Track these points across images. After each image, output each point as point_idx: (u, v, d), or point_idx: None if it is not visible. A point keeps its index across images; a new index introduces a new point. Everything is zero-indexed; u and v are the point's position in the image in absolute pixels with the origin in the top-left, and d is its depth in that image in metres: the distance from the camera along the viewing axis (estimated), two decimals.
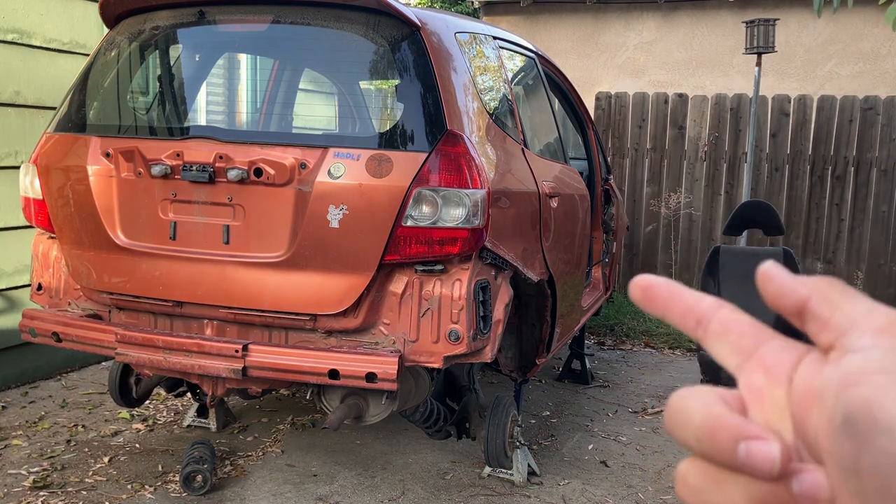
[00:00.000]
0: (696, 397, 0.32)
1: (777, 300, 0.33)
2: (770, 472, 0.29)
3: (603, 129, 6.54)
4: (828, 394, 0.29)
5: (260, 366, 2.49)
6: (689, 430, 0.31)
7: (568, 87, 4.18)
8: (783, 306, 0.33)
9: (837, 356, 0.30)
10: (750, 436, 0.29)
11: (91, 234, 2.76)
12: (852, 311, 0.31)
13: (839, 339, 0.30)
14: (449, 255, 2.47)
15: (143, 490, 2.95)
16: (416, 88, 2.59)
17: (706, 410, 0.31)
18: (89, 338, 2.71)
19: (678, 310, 0.35)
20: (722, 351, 0.33)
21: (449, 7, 11.97)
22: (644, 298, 0.36)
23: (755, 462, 0.29)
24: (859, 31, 7.28)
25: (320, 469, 3.21)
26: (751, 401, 0.32)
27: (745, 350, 0.33)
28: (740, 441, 0.29)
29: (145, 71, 3.01)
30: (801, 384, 0.31)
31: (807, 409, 0.30)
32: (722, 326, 0.34)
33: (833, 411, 0.28)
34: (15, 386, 4.08)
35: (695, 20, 7.75)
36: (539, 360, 3.22)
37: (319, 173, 2.49)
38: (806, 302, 0.32)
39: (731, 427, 0.30)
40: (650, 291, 0.36)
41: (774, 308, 0.33)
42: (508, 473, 3.15)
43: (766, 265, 0.34)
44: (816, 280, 0.32)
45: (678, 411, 0.32)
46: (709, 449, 0.30)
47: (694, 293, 0.35)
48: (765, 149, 6.37)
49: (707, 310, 0.34)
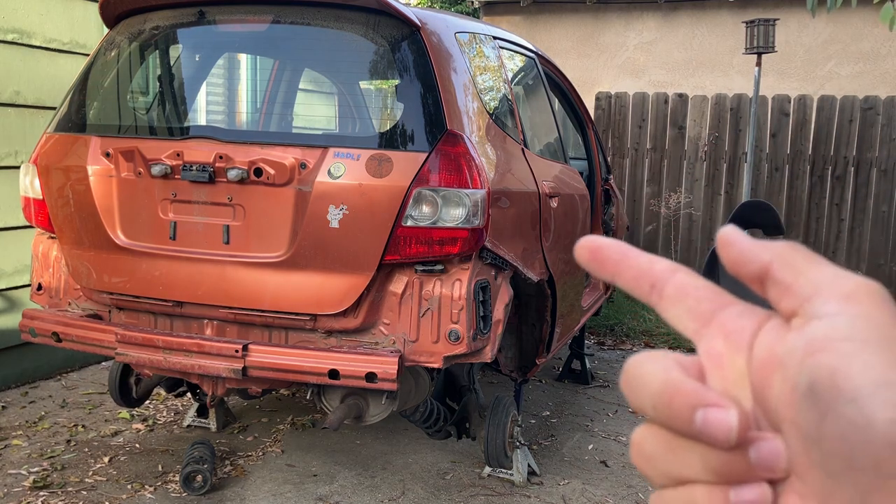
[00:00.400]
0: (653, 362, 0.31)
1: (737, 266, 0.32)
2: (727, 440, 0.28)
3: (603, 129, 6.55)
4: (791, 361, 0.28)
5: (260, 366, 2.49)
6: (645, 395, 0.30)
7: (568, 87, 4.18)
8: (744, 272, 0.31)
9: (801, 323, 0.29)
10: (707, 403, 0.28)
11: (91, 234, 2.76)
12: (816, 277, 0.30)
13: (803, 305, 0.29)
14: (449, 255, 2.47)
15: (143, 490, 2.95)
16: (416, 88, 2.59)
17: (663, 376, 0.30)
18: (89, 338, 2.71)
19: (630, 273, 0.33)
20: (679, 316, 0.32)
21: (449, 7, 11.97)
22: (592, 260, 0.34)
23: (712, 430, 0.28)
24: (859, 31, 7.28)
25: (320, 469, 3.21)
26: (710, 367, 0.31)
27: (704, 315, 0.32)
28: (698, 408, 0.28)
29: (145, 71, 3.01)
30: (761, 351, 0.30)
31: (768, 377, 0.29)
32: (678, 291, 0.32)
33: (796, 379, 0.28)
34: (15, 386, 4.08)
35: (695, 20, 7.75)
36: (539, 360, 3.22)
37: (319, 173, 2.49)
38: (768, 267, 0.31)
39: (688, 393, 0.29)
40: (599, 253, 0.34)
41: (734, 273, 0.32)
42: (508, 473, 3.15)
43: (726, 230, 0.32)
44: (779, 245, 0.31)
45: (635, 376, 0.31)
46: (665, 415, 0.29)
47: (647, 255, 0.34)
48: (765, 149, 6.37)
49: (662, 273, 0.33)
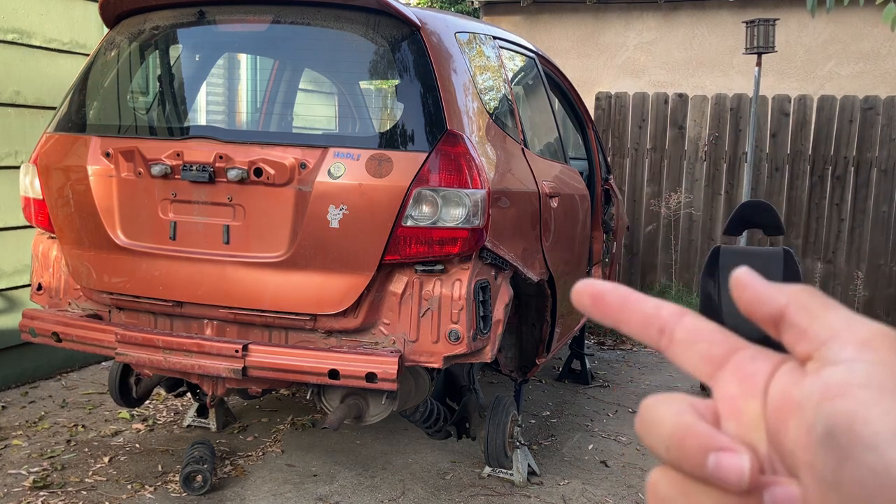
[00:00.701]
0: (667, 404, 0.31)
1: (752, 308, 0.32)
2: (739, 484, 0.28)
3: (603, 129, 6.54)
4: (808, 405, 0.28)
5: (260, 366, 2.49)
6: (658, 437, 0.30)
7: (568, 87, 4.18)
8: (759, 314, 0.31)
9: (817, 367, 0.29)
10: (720, 447, 0.28)
11: (91, 234, 2.75)
12: (832, 322, 0.30)
13: (819, 349, 0.29)
14: (449, 255, 2.47)
15: (143, 490, 2.95)
16: (416, 88, 2.59)
17: (676, 419, 0.30)
18: (89, 338, 2.71)
19: (636, 319, 0.33)
20: (691, 360, 0.32)
21: (449, 7, 11.97)
22: (593, 307, 0.34)
23: (724, 474, 0.28)
24: (859, 31, 7.28)
25: (320, 469, 3.21)
26: (725, 411, 0.31)
27: (717, 359, 0.32)
28: (710, 452, 0.28)
29: (145, 71, 3.01)
30: (777, 394, 0.30)
31: (784, 420, 0.29)
32: (689, 335, 0.32)
33: (813, 423, 0.28)
34: (15, 386, 4.08)
35: (695, 20, 7.75)
36: (539, 360, 3.22)
37: (319, 173, 2.49)
38: (783, 310, 0.31)
39: (700, 436, 0.29)
40: (601, 300, 0.34)
41: (749, 316, 0.32)
42: (508, 473, 3.15)
43: (740, 272, 0.32)
44: (794, 288, 0.31)
45: (648, 418, 0.31)
46: (678, 458, 0.29)
47: (651, 300, 0.33)
48: (765, 149, 6.37)
49: (670, 318, 0.32)
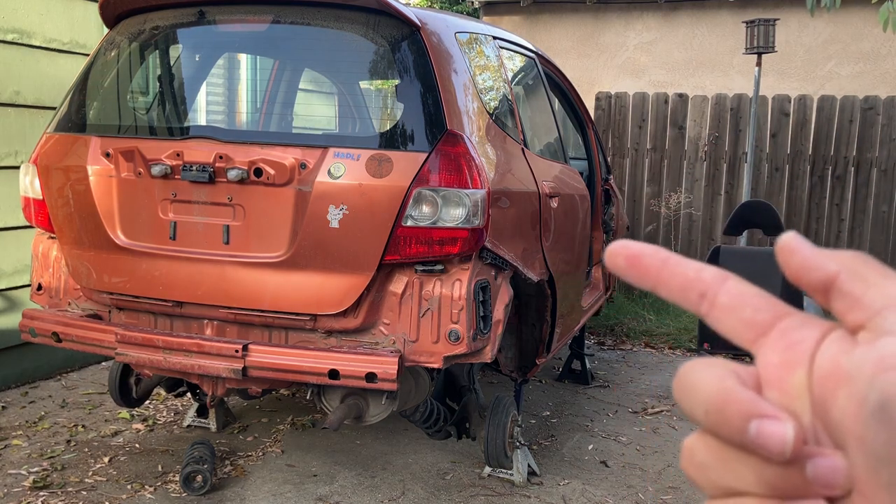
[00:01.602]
0: (708, 369, 0.30)
1: (801, 274, 0.30)
2: (781, 453, 0.27)
3: (603, 129, 6.54)
4: (860, 376, 0.27)
5: (260, 366, 2.49)
6: (697, 402, 0.29)
7: (568, 87, 4.18)
8: (808, 281, 0.30)
9: (870, 337, 0.28)
10: (763, 414, 0.27)
11: (91, 234, 2.75)
12: (888, 291, 0.28)
13: (873, 319, 0.28)
14: (449, 255, 2.47)
15: (143, 490, 2.95)
16: (416, 88, 2.59)
17: (718, 384, 0.29)
18: (89, 338, 2.71)
19: (676, 282, 0.32)
20: (733, 326, 0.31)
21: (449, 7, 11.97)
22: (630, 268, 0.32)
23: (766, 442, 0.27)
24: (859, 31, 7.28)
25: (320, 469, 3.21)
26: (767, 379, 0.30)
27: (761, 325, 0.30)
28: (752, 418, 0.27)
29: (145, 71, 3.01)
30: (825, 363, 0.28)
31: (832, 391, 0.28)
32: (733, 299, 0.31)
33: (865, 395, 0.26)
34: (15, 386, 4.08)
35: (695, 20, 7.75)
36: (539, 361, 3.22)
37: (319, 173, 2.49)
38: (834, 278, 0.29)
39: (742, 403, 0.28)
40: (637, 261, 0.32)
41: (797, 283, 0.31)
42: (508, 473, 3.15)
43: (788, 236, 0.31)
44: (846, 254, 0.30)
45: (688, 382, 0.30)
46: (717, 424, 0.29)
47: (691, 262, 0.32)
48: (765, 149, 6.37)
49: (713, 281, 0.31)
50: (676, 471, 3.37)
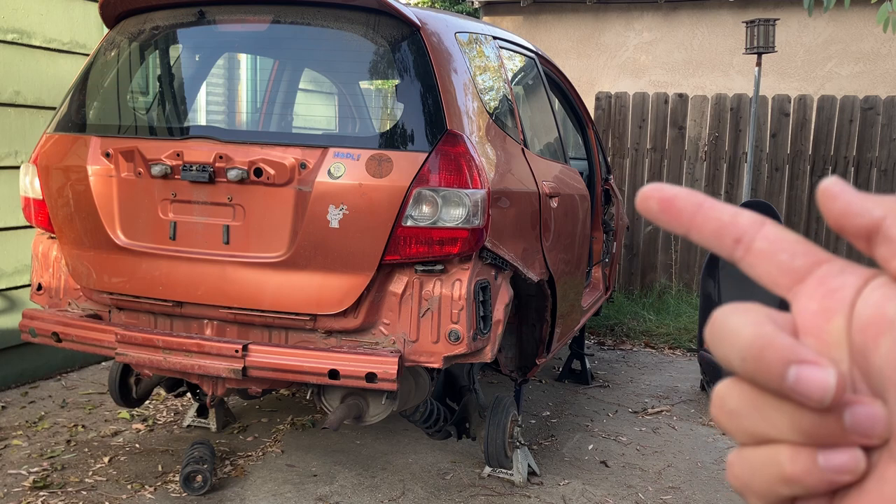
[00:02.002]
0: (744, 314, 0.29)
1: (843, 220, 0.29)
2: (822, 400, 0.26)
3: (603, 129, 6.54)
4: None
5: (260, 366, 2.49)
6: (733, 347, 0.28)
7: (568, 87, 4.18)
8: (850, 226, 0.29)
9: None
10: (802, 359, 0.27)
11: (91, 234, 2.75)
12: None
13: None
14: (449, 255, 2.47)
15: (143, 490, 2.95)
16: (415, 88, 2.59)
17: (756, 329, 0.28)
18: (89, 338, 2.71)
19: (710, 227, 0.31)
20: (769, 272, 0.30)
21: (449, 7, 11.97)
22: (662, 212, 0.31)
23: (806, 388, 0.26)
24: (859, 31, 7.29)
25: (320, 469, 3.21)
26: (804, 326, 0.29)
27: (798, 271, 0.30)
28: (791, 364, 0.26)
29: (145, 71, 3.01)
30: (867, 310, 0.28)
31: (873, 338, 0.27)
32: (770, 245, 0.30)
33: None
34: (15, 386, 4.08)
35: (695, 20, 7.75)
36: (539, 361, 3.22)
37: (319, 173, 2.49)
38: (879, 223, 0.28)
39: (782, 348, 0.27)
40: (671, 204, 0.31)
41: (838, 229, 0.30)
42: (508, 473, 3.15)
43: (830, 181, 0.30)
44: (891, 199, 0.29)
45: (722, 327, 0.29)
46: (754, 370, 0.28)
47: (727, 206, 0.31)
48: (765, 149, 6.37)
49: (749, 226, 0.30)
50: (676, 471, 3.37)
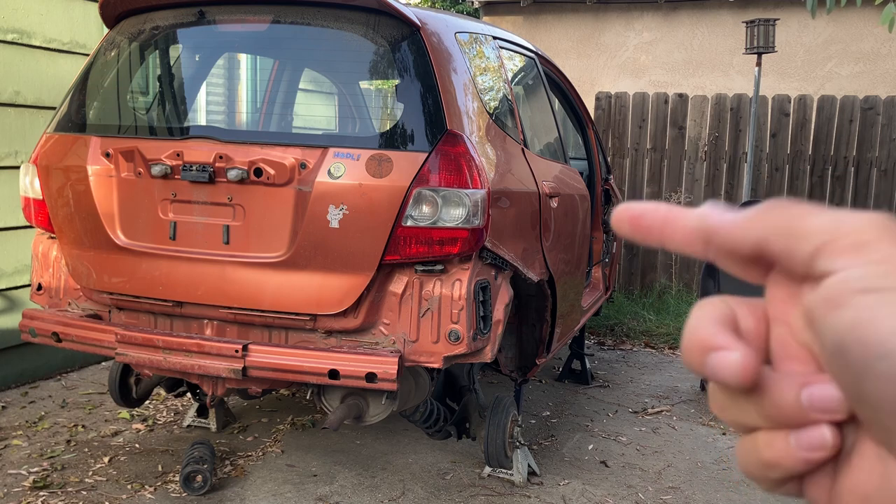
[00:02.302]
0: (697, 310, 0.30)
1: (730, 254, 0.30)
2: (734, 380, 0.27)
3: (603, 129, 6.54)
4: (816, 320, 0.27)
5: (260, 366, 2.49)
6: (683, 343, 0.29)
7: (568, 87, 4.18)
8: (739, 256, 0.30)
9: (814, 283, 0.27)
10: (715, 346, 0.28)
11: (91, 234, 2.75)
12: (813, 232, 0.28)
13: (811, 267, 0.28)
14: (449, 255, 2.47)
15: (143, 490, 2.95)
16: (415, 88, 2.59)
17: (691, 322, 0.29)
18: (89, 338, 2.71)
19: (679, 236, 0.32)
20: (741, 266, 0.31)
21: (449, 7, 11.97)
22: (634, 230, 0.32)
23: (721, 372, 0.27)
24: (859, 31, 7.29)
25: (320, 469, 3.21)
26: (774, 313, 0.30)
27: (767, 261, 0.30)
28: (709, 351, 0.28)
29: (145, 71, 3.01)
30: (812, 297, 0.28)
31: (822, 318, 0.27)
32: None
33: (823, 339, 0.26)
34: (15, 386, 4.08)
35: (695, 20, 7.75)
36: (539, 361, 3.22)
37: (319, 173, 2.49)
38: (764, 245, 0.29)
39: (701, 338, 0.28)
40: (639, 222, 0.32)
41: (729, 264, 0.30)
42: (508, 473, 3.15)
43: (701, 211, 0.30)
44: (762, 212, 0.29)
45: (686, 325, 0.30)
46: (687, 363, 0.29)
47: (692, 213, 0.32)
48: (765, 149, 6.37)
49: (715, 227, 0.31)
50: (676, 471, 3.37)
